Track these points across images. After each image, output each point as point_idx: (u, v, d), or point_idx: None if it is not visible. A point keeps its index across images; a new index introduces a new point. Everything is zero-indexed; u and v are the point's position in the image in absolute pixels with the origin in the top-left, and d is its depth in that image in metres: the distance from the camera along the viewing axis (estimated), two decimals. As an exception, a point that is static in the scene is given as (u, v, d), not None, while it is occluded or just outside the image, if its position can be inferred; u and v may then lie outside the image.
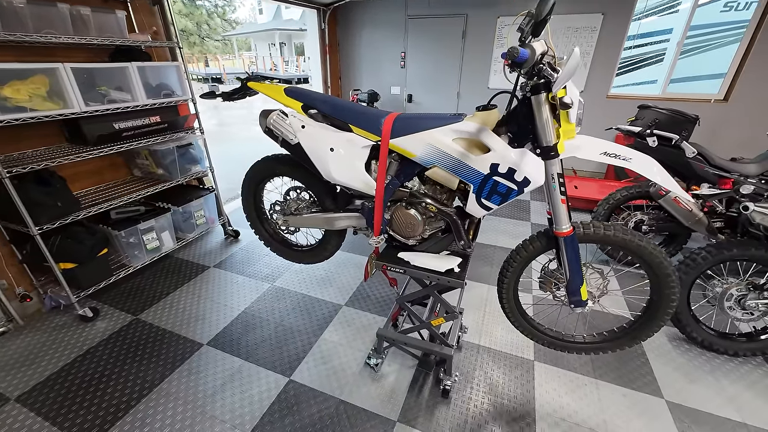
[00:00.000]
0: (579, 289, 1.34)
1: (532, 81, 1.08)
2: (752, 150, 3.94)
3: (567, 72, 0.96)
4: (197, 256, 2.84)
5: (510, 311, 1.57)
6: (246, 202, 1.91)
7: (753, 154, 2.63)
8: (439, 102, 5.13)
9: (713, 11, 4.37)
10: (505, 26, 4.40)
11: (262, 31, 24.37)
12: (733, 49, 3.83)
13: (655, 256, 1.28)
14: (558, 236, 1.29)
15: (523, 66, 1.01)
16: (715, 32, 4.28)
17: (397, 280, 1.66)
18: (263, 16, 29.00)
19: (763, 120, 3.79)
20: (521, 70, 1.08)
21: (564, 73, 0.96)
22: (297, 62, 22.15)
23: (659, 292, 1.35)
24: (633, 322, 1.48)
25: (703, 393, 1.72)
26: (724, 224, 2.32)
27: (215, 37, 30.26)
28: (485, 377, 1.80)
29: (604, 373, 1.82)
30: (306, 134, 1.45)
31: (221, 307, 2.28)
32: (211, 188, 2.92)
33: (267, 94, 1.51)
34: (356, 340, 2.02)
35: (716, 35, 4.26)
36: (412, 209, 1.46)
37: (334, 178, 1.47)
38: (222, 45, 33.15)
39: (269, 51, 25.49)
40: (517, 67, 1.04)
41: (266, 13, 28.48)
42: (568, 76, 0.96)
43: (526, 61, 0.99)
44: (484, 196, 1.27)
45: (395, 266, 1.51)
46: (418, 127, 1.32)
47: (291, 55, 24.42)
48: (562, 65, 1.02)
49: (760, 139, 3.81)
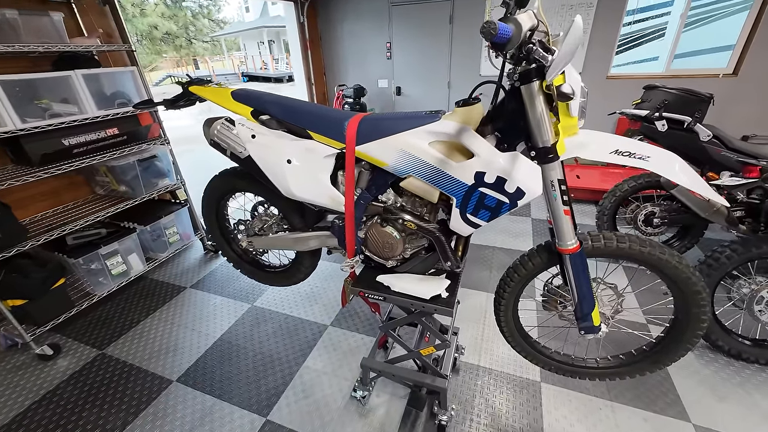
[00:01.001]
0: (590, 313, 1.12)
1: (520, 66, 0.85)
2: (766, 127, 3.68)
3: (565, 52, 0.72)
4: (173, 276, 2.64)
5: (510, 334, 1.36)
6: (208, 222, 1.69)
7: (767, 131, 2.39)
8: (430, 93, 4.86)
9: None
10: (495, 8, 4.12)
11: (249, 29, 23.95)
12: (742, 18, 3.55)
13: (681, 271, 1.06)
14: (562, 253, 1.07)
15: (506, 47, 0.78)
16: (720, 0, 3.98)
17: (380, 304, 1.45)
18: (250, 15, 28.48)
19: None
20: (505, 52, 0.84)
21: (561, 54, 0.73)
22: (287, 59, 21.74)
23: (686, 311, 1.13)
24: (655, 343, 1.26)
25: (734, 412, 1.51)
26: (744, 213, 2.08)
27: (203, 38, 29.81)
28: (486, 405, 1.60)
29: (620, 393, 1.61)
30: (257, 145, 1.22)
31: (195, 334, 2.09)
32: (184, 202, 2.70)
33: (212, 100, 1.29)
34: (342, 366, 1.82)
35: (722, 4, 3.97)
36: (388, 226, 1.24)
37: (295, 194, 1.25)
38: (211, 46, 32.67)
39: (258, 49, 25.06)
40: (499, 49, 0.81)
41: (253, 11, 27.97)
42: (566, 58, 0.73)
43: (510, 41, 0.76)
44: (469, 211, 1.05)
45: (373, 293, 1.29)
46: (388, 129, 1.10)
47: (280, 53, 23.99)
48: (558, 44, 0.79)
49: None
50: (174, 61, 27.37)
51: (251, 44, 25.54)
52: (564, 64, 0.75)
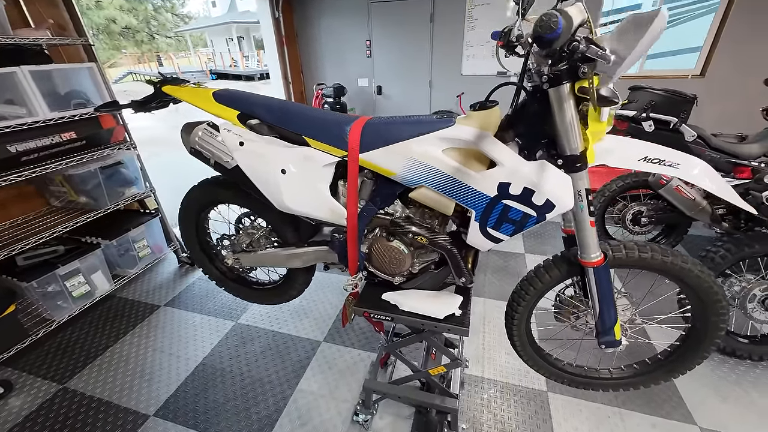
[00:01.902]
0: (612, 327, 1.06)
1: (555, 66, 0.76)
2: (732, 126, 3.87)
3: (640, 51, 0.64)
4: (145, 294, 2.40)
5: (522, 348, 1.29)
6: (186, 237, 1.52)
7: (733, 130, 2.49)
8: (411, 92, 4.78)
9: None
10: (475, 6, 4.09)
11: (217, 25, 23.02)
12: (709, 20, 3.71)
13: (703, 281, 1.02)
14: (585, 266, 1.00)
15: (554, 44, 0.69)
16: (687, 4, 4.16)
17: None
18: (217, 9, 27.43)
19: (741, 94, 3.71)
20: (544, 50, 0.76)
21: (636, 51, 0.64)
22: (258, 57, 21.05)
23: (704, 320, 1.10)
24: (670, 352, 1.24)
25: (739, 415, 1.52)
26: (726, 211, 2.15)
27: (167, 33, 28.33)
28: (495, 421, 1.53)
29: (627, 399, 1.59)
30: (247, 153, 1.08)
31: (174, 359, 1.89)
32: (154, 211, 2.47)
33: (190, 101, 1.12)
34: (339, 387, 1.70)
35: (689, 7, 4.14)
36: (395, 240, 1.13)
37: (291, 207, 1.11)
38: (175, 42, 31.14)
39: (227, 46, 24.12)
40: (546, 47, 0.71)
41: (220, 6, 26.94)
42: (637, 57, 0.65)
43: (560, 37, 0.67)
44: (490, 225, 0.96)
45: (380, 313, 1.18)
46: (396, 135, 0.99)
47: (251, 50, 23.20)
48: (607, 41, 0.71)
49: (739, 114, 3.73)
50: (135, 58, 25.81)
51: (219, 40, 24.56)
52: (631, 64, 0.67)
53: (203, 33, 27.16)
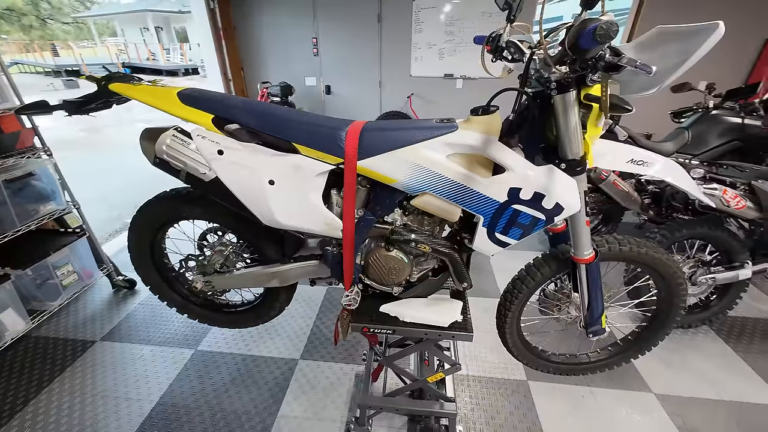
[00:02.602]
0: (600, 317, 1.14)
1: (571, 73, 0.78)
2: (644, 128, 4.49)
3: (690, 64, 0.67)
4: (74, 329, 2.01)
5: (513, 345, 1.34)
6: (139, 261, 1.29)
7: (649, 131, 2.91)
8: (362, 92, 4.73)
9: None
10: (422, 9, 4.17)
11: (129, 12, 20.48)
12: (619, 34, 4.25)
13: (669, 266, 1.15)
14: (578, 263, 1.06)
15: (589, 53, 0.70)
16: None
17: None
18: (128, -5, 24.37)
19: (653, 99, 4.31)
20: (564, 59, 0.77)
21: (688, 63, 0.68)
22: (181, 50, 19.17)
23: (669, 302, 1.24)
24: (639, 333, 1.37)
25: (680, 377, 1.75)
26: (651, 201, 2.48)
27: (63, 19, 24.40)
28: (485, 415, 1.56)
29: (593, 378, 1.74)
30: (227, 164, 0.94)
31: (122, 403, 1.61)
32: (79, 230, 2.08)
33: (147, 102, 0.95)
34: (326, 407, 1.60)
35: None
36: (394, 249, 1.08)
37: (280, 222, 1.00)
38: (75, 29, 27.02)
39: (142, 36, 21.57)
40: (581, 55, 0.72)
41: (131, -9, 23.97)
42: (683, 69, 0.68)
43: (598, 46, 0.68)
44: (499, 230, 0.96)
45: (380, 327, 1.13)
46: (398, 141, 0.94)
47: (172, 42, 21.05)
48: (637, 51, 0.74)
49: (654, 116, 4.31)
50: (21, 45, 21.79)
51: (132, 30, 21.90)
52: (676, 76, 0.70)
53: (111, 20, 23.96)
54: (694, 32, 0.69)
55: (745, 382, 1.73)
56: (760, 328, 2.07)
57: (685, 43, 0.69)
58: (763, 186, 1.73)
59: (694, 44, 0.67)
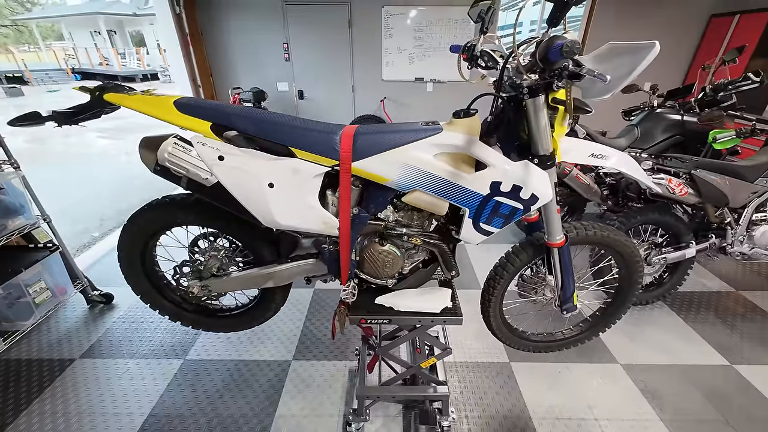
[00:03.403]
0: (572, 295, 1.28)
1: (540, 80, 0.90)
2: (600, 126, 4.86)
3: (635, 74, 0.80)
4: (49, 349, 1.92)
5: (497, 328, 1.45)
6: (129, 270, 1.29)
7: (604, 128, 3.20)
8: (335, 97, 4.79)
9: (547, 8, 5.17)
10: (391, 16, 4.30)
11: (77, 15, 19.24)
12: (574, 41, 4.59)
13: (627, 246, 1.31)
14: (551, 247, 1.19)
15: (556, 64, 0.82)
16: (556, 26, 5.12)
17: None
18: (75, -4, 22.91)
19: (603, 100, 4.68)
20: (534, 68, 0.88)
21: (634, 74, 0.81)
22: (138, 54, 18.26)
23: (629, 279, 1.40)
24: (604, 309, 1.53)
25: (641, 348, 1.96)
26: (609, 192, 2.72)
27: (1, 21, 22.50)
28: (473, 397, 1.67)
29: (567, 355, 1.90)
30: (228, 169, 0.98)
31: (111, 419, 1.57)
32: (51, 245, 2.00)
33: (144, 112, 0.97)
34: (323, 404, 1.64)
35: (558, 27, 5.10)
36: (387, 244, 1.16)
37: (280, 223, 1.05)
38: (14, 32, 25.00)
39: (93, 40, 20.31)
40: (549, 66, 0.83)
41: (79, -8, 22.55)
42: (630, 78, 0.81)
43: (563, 59, 0.80)
44: (483, 220, 1.07)
45: (377, 317, 1.20)
46: (389, 143, 1.02)
47: (127, 46, 19.99)
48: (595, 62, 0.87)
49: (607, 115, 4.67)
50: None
51: (81, 33, 20.58)
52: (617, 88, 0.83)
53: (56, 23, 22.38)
54: (637, 49, 0.83)
55: (694, 347, 1.96)
56: (705, 301, 2.34)
57: (631, 57, 0.83)
58: (701, 174, 1.97)
59: (638, 59, 0.81)
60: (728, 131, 2.17)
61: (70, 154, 5.96)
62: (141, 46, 19.72)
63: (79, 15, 19.12)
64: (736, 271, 2.64)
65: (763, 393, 1.70)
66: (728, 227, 2.12)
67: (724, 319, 2.17)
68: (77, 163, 5.56)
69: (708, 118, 2.36)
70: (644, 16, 4.29)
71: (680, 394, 1.69)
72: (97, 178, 4.89)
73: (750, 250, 2.15)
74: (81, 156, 5.88)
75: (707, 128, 2.57)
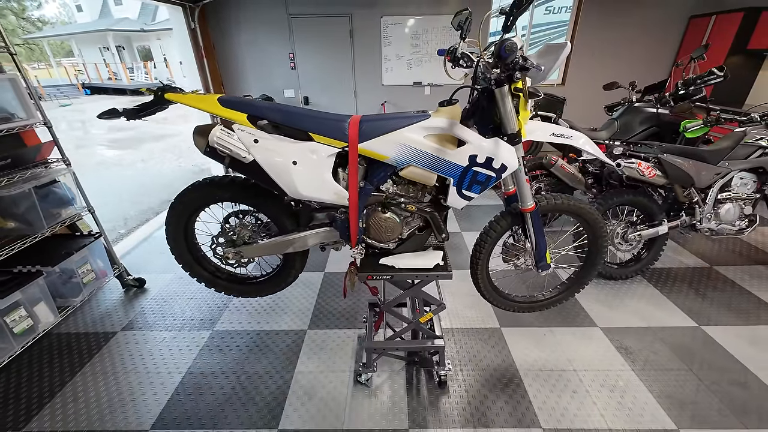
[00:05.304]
0: (545, 254, 1.53)
1: (501, 73, 1.16)
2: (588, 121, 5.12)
3: (554, 67, 1.07)
4: (93, 323, 2.19)
5: (485, 289, 1.69)
6: (175, 243, 1.55)
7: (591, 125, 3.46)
8: (338, 101, 5.09)
9: (538, 13, 5.46)
10: (389, 25, 4.61)
11: (87, 32, 19.93)
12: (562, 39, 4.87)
13: (591, 214, 1.55)
14: (524, 212, 1.44)
15: (508, 59, 1.08)
16: (544, 30, 5.39)
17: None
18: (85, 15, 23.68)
19: (592, 97, 4.93)
20: (496, 64, 1.14)
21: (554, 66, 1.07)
22: (146, 68, 18.85)
23: (596, 244, 1.64)
24: (578, 271, 1.77)
25: (619, 315, 2.18)
26: (593, 180, 2.96)
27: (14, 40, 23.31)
28: (468, 356, 1.90)
29: (551, 319, 2.13)
30: (262, 149, 1.25)
31: (153, 377, 1.82)
32: (95, 233, 2.27)
33: (196, 107, 1.24)
34: (336, 362, 1.88)
35: (546, 32, 5.38)
36: (388, 212, 1.42)
37: (302, 194, 1.31)
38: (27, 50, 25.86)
39: (102, 56, 21.00)
40: (502, 61, 1.10)
41: (88, 11, 23.35)
42: (554, 70, 1.07)
43: (511, 55, 1.06)
44: (464, 188, 1.32)
45: (381, 274, 1.45)
46: (387, 128, 1.28)
47: (135, 61, 20.63)
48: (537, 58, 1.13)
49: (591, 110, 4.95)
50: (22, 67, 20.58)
51: (90, 50, 21.28)
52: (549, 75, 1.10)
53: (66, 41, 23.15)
54: (558, 47, 1.09)
55: (666, 312, 2.18)
56: (681, 275, 2.55)
57: (555, 54, 1.09)
58: (668, 158, 2.21)
59: (558, 55, 1.07)
60: (697, 121, 2.42)
61: (88, 164, 6.29)
62: (148, 60, 20.36)
63: (88, 32, 19.81)
64: (712, 249, 2.86)
65: (724, 347, 1.91)
66: (696, 206, 2.35)
67: (697, 290, 2.39)
68: (96, 170, 5.89)
69: (679, 110, 2.60)
70: (626, 17, 4.56)
71: (650, 350, 1.91)
72: (116, 183, 5.21)
73: (717, 226, 2.37)
74: (99, 164, 6.22)
75: (679, 119, 2.82)
